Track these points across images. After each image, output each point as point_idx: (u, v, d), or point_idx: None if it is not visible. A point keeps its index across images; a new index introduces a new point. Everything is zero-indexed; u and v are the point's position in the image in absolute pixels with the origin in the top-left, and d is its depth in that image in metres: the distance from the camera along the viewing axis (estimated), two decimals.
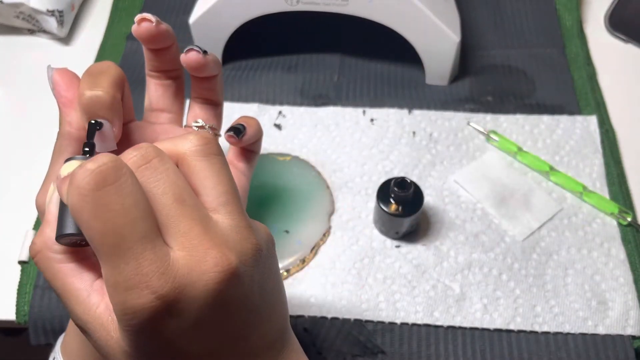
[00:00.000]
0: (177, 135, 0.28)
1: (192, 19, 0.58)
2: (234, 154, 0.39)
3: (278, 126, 0.58)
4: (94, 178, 0.23)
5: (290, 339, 0.31)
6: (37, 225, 0.52)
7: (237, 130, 0.36)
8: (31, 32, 0.67)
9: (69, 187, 0.24)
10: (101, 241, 0.23)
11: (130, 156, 0.25)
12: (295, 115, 0.59)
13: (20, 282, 0.49)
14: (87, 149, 0.29)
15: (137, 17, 0.33)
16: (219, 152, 0.28)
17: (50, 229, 0.27)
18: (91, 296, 0.26)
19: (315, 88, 0.61)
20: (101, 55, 0.65)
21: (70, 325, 0.36)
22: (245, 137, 0.37)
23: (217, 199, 0.26)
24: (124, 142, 0.34)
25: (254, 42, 0.64)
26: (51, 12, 0.63)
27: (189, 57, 0.34)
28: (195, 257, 0.24)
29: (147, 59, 0.36)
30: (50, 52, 0.66)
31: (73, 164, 0.26)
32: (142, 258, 0.23)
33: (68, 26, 0.66)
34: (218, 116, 0.39)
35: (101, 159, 0.24)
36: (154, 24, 0.33)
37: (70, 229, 0.26)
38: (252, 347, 0.27)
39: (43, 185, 0.32)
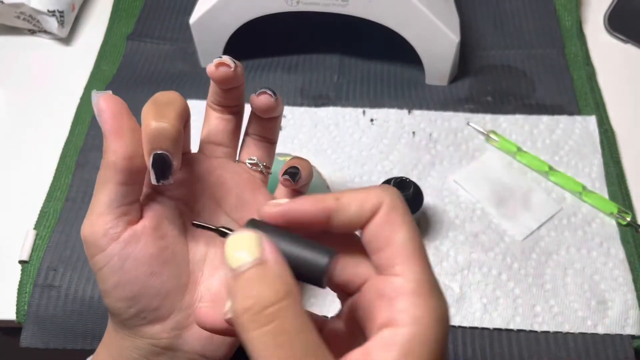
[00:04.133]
0: (371, 187, 0.26)
1: (193, 19, 0.58)
2: (283, 193, 0.39)
3: None
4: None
5: None
6: (38, 225, 0.52)
7: (292, 175, 0.36)
8: (32, 32, 0.67)
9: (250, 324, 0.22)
10: None
11: None
12: (295, 115, 0.59)
13: (20, 281, 0.49)
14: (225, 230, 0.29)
15: (216, 61, 0.33)
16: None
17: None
18: None
19: (315, 88, 0.61)
20: (102, 56, 0.65)
21: (101, 346, 0.35)
22: (300, 180, 0.37)
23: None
24: (180, 174, 0.34)
25: (254, 42, 0.64)
26: (52, 13, 0.63)
27: (260, 101, 0.34)
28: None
29: (213, 92, 0.36)
30: (51, 52, 0.66)
31: (243, 245, 0.23)
32: None
33: (68, 26, 0.66)
34: (272, 154, 0.39)
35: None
36: (232, 69, 0.33)
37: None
38: None
39: (92, 216, 0.31)
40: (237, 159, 0.38)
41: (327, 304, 0.48)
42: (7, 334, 0.52)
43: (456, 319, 0.47)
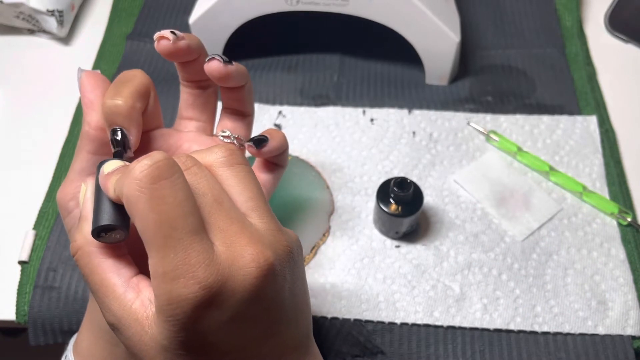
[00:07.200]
0: (203, 148, 0.30)
1: (192, 19, 0.58)
2: (258, 165, 0.39)
3: (278, 126, 0.58)
4: (152, 172, 0.25)
5: (313, 345, 0.31)
6: (37, 225, 0.52)
7: (257, 142, 0.37)
8: (31, 32, 0.67)
9: (124, 179, 0.25)
10: (155, 231, 0.24)
11: None
12: (295, 115, 0.59)
13: (20, 282, 0.49)
14: (116, 157, 0.30)
15: (156, 35, 0.34)
16: (243, 162, 0.29)
17: (88, 225, 0.28)
18: (127, 292, 0.27)
19: (315, 88, 0.61)
20: (101, 55, 0.65)
21: (83, 325, 0.37)
22: (265, 149, 0.37)
23: (245, 204, 0.28)
24: (147, 148, 0.35)
25: (254, 42, 0.64)
26: (51, 12, 0.63)
27: (210, 66, 0.34)
28: (234, 252, 0.25)
29: (178, 69, 0.37)
30: (50, 52, 0.66)
31: (115, 163, 0.28)
32: (191, 249, 0.24)
33: (68, 26, 0.66)
34: (247, 126, 0.39)
35: (157, 156, 0.25)
36: (171, 42, 0.34)
37: (106, 220, 0.27)
38: (279, 346, 0.28)
39: (65, 182, 0.33)
40: (213, 132, 0.39)
41: (327, 304, 0.48)
42: (7, 334, 0.52)
43: (456, 319, 0.47)
